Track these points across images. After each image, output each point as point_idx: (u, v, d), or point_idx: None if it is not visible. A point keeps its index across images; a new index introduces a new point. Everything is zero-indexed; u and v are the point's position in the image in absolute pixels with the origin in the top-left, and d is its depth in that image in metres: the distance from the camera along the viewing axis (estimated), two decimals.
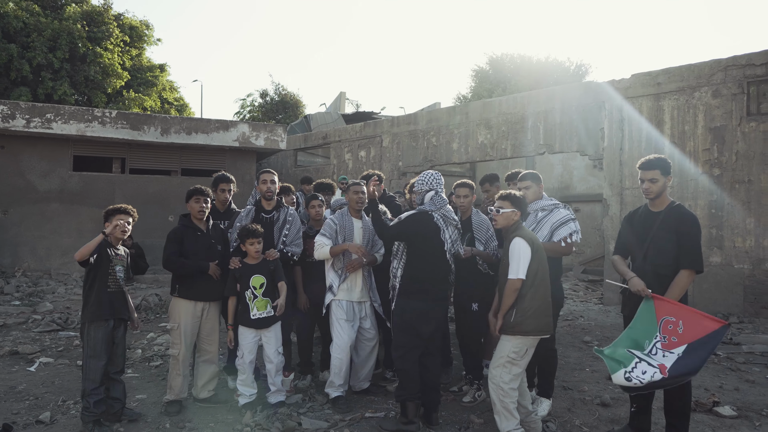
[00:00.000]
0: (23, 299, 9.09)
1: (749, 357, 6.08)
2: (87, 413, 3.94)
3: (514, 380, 3.65)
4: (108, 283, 4.05)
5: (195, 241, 4.44)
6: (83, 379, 4.00)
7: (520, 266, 3.61)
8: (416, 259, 4.08)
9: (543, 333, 3.69)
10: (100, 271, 4.04)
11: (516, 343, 3.65)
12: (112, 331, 4.06)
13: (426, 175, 4.24)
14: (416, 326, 4.01)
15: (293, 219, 4.83)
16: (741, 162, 8.28)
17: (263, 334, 4.41)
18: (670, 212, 3.69)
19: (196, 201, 4.48)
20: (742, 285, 8.17)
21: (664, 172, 3.73)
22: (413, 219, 4.12)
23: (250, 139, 12.78)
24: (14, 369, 5.57)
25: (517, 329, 3.62)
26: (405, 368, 4.01)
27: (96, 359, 3.97)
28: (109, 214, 4.17)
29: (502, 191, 3.91)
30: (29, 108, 10.95)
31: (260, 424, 4.06)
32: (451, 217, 4.19)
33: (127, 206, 4.25)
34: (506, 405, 3.64)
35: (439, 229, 4.09)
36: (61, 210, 11.51)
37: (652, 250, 3.67)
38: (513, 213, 3.78)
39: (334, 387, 4.49)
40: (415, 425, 3.95)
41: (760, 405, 4.56)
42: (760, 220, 8.06)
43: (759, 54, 8.13)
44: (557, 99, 10.44)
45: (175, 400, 4.41)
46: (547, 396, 4.34)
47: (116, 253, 4.16)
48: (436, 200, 4.15)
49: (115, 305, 4.07)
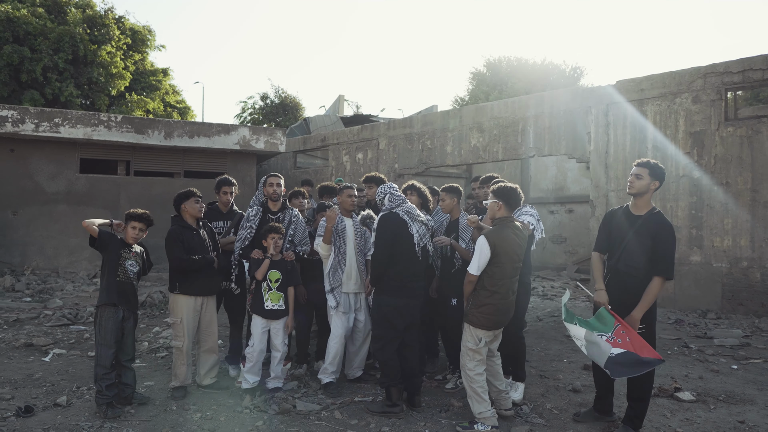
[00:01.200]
0: (34, 296, 9.51)
1: (719, 350, 6.46)
2: (100, 396, 4.33)
3: (478, 366, 4.01)
4: (117, 273, 4.44)
5: (191, 240, 4.79)
6: (95, 365, 4.39)
7: (476, 262, 3.94)
8: (391, 256, 4.41)
9: (493, 328, 4.02)
10: (110, 262, 4.44)
11: (471, 332, 4.03)
12: (121, 322, 4.45)
13: (379, 188, 4.67)
14: (392, 320, 4.39)
15: (298, 219, 5.24)
16: (719, 165, 8.66)
17: (272, 325, 4.82)
18: (650, 218, 3.85)
19: (196, 201, 4.85)
20: (720, 283, 8.55)
21: (652, 173, 3.85)
22: (383, 223, 4.45)
23: (250, 143, 13.19)
24: (30, 359, 5.97)
25: (470, 319, 4.02)
26: (385, 358, 4.40)
27: (106, 347, 4.35)
28: (127, 219, 4.57)
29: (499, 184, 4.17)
30: (38, 113, 11.37)
31: (258, 407, 4.46)
32: (416, 213, 4.53)
33: (145, 212, 4.61)
34: (475, 390, 4.00)
35: (406, 224, 4.44)
36: (68, 211, 11.93)
37: (626, 251, 3.88)
38: (495, 204, 4.04)
39: (327, 373, 4.89)
40: (399, 407, 4.34)
41: (718, 391, 4.94)
42: (737, 221, 8.45)
43: (735, 62, 8.52)
44: (547, 104, 10.84)
45: (180, 386, 4.80)
46: (521, 380, 4.71)
47: (130, 250, 4.55)
48: (393, 198, 4.50)
49: (123, 294, 4.44)
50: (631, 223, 3.91)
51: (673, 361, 6.00)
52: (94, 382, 4.40)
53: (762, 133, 8.28)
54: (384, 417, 4.27)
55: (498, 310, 3.98)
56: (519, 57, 26.10)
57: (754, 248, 8.27)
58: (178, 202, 4.86)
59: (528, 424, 4.15)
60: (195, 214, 4.86)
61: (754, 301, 8.24)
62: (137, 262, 4.59)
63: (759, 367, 5.75)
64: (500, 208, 4.03)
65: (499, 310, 3.99)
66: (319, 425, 4.15)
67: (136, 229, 4.55)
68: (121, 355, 4.46)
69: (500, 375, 4.24)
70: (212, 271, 4.90)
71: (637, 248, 3.82)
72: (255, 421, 4.20)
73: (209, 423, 4.19)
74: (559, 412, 4.46)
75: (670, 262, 3.75)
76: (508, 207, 4.04)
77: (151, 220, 4.65)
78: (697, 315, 8.40)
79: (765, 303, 8.13)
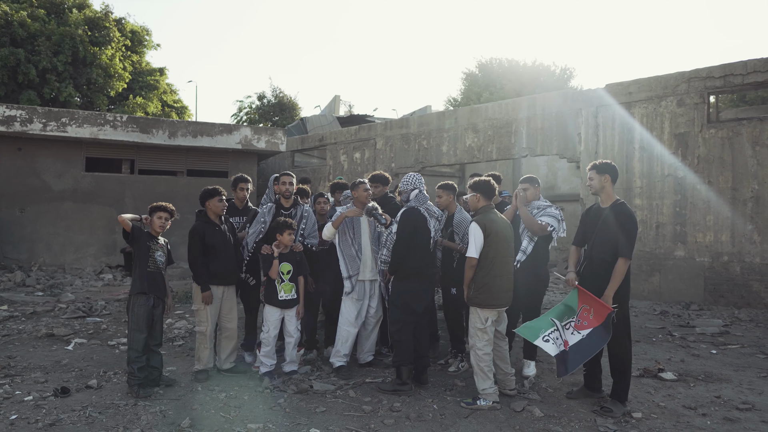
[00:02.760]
0: (45, 290, 9.81)
1: (700, 337, 6.93)
2: (132, 378, 4.69)
3: (486, 345, 4.45)
4: (148, 264, 4.81)
5: (213, 235, 5.18)
6: (128, 349, 4.76)
7: (473, 246, 4.42)
8: (410, 248, 4.87)
9: (494, 307, 4.43)
10: (140, 254, 4.81)
11: (477, 314, 4.46)
12: (152, 309, 4.82)
13: (409, 177, 5.04)
14: (411, 304, 4.84)
15: (309, 215, 5.65)
16: (702, 165, 9.15)
17: (286, 313, 5.21)
18: (613, 208, 4.43)
19: (219, 201, 5.22)
20: (703, 276, 9.05)
21: (599, 171, 4.46)
22: (407, 217, 4.89)
23: (252, 142, 13.54)
24: (53, 348, 6.30)
25: (474, 301, 4.46)
26: (401, 339, 4.82)
27: (138, 332, 4.72)
28: (152, 211, 4.93)
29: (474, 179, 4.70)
30: (46, 113, 11.65)
31: (278, 387, 4.85)
32: (433, 210, 5.04)
33: (168, 204, 4.98)
34: (482, 368, 4.44)
35: (426, 219, 4.92)
36: (74, 208, 12.22)
37: (597, 240, 4.45)
38: (474, 197, 4.60)
39: (339, 356, 5.28)
40: (409, 386, 4.75)
41: (698, 372, 5.41)
42: (718, 218, 8.94)
43: (717, 67, 9.01)
44: (539, 106, 11.29)
45: (203, 369, 5.17)
46: (532, 358, 5.18)
47: (156, 242, 4.92)
48: (420, 197, 4.96)
49: (153, 283, 4.82)
50: (599, 216, 4.51)
51: (658, 346, 6.46)
52: (127, 364, 4.76)
53: (742, 135, 8.78)
54: (395, 395, 4.68)
55: (498, 288, 4.43)
56: (510, 58, 26.65)
57: (734, 243, 8.77)
58: (203, 199, 5.23)
59: (526, 400, 4.57)
60: (217, 212, 5.23)
61: (733, 293, 8.73)
62: (164, 252, 4.97)
63: (736, 352, 6.23)
64: (479, 199, 4.62)
65: (499, 288, 4.43)
66: (335, 402, 4.55)
67: (162, 218, 4.90)
68: (150, 339, 4.83)
69: (507, 358, 4.68)
70: (232, 263, 5.28)
71: (605, 236, 4.38)
72: (276, 399, 4.58)
73: (234, 401, 4.58)
74: (554, 391, 4.90)
75: (630, 245, 4.29)
76: (485, 197, 4.62)
77: (173, 210, 5.00)
78: (681, 307, 8.88)
79: (744, 295, 8.63)
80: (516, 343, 5.63)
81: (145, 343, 4.76)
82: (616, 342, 4.30)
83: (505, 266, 4.50)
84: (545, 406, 4.50)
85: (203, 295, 5.09)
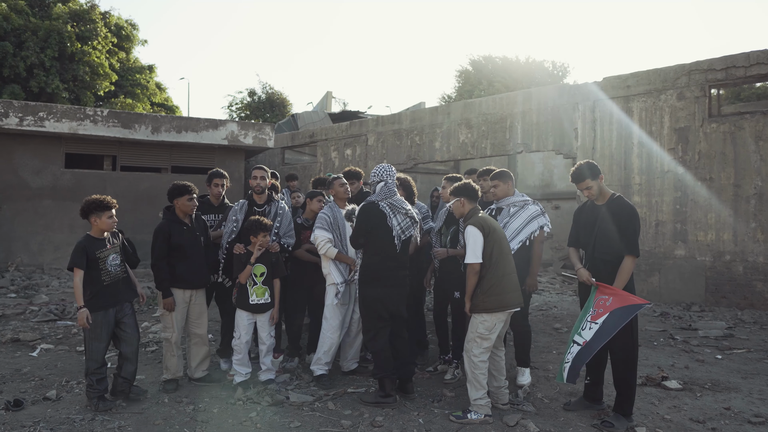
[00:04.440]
0: (19, 292, 9.38)
1: (703, 341, 6.58)
2: (91, 390, 4.28)
3: (483, 353, 4.06)
4: (102, 278, 4.27)
5: (181, 235, 4.74)
6: (87, 360, 4.31)
7: (475, 250, 4.03)
8: (369, 248, 4.49)
9: (506, 308, 4.07)
10: (92, 272, 4.23)
11: (483, 319, 4.06)
12: (115, 315, 4.39)
13: (379, 168, 4.62)
14: (376, 310, 4.44)
15: (284, 212, 5.23)
16: (703, 161, 8.81)
17: (258, 318, 4.82)
18: (611, 204, 4.11)
19: (189, 200, 4.77)
20: (704, 276, 8.71)
21: (592, 176, 4.12)
22: (363, 212, 4.50)
23: (238, 138, 13.13)
24: (17, 354, 5.90)
25: (481, 307, 4.05)
26: (377, 348, 4.44)
27: (97, 341, 4.28)
28: (99, 209, 4.28)
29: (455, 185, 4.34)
30: (22, 106, 11.20)
31: (251, 398, 4.46)
32: (400, 206, 4.53)
33: (105, 197, 4.34)
34: (476, 376, 4.05)
35: (385, 216, 4.44)
36: (53, 206, 11.77)
37: (598, 240, 4.10)
38: (458, 202, 4.24)
39: (321, 365, 4.90)
40: (392, 398, 4.37)
41: (704, 380, 5.05)
42: (720, 216, 8.60)
43: (719, 59, 8.67)
44: (534, 100, 10.93)
45: (171, 379, 4.78)
46: (526, 365, 4.85)
47: (105, 245, 4.32)
48: (384, 190, 4.52)
49: (114, 294, 4.34)
50: (596, 213, 4.16)
51: (660, 351, 6.11)
52: (85, 376, 4.35)
53: (744, 130, 8.44)
54: (377, 407, 4.30)
55: (507, 287, 4.06)
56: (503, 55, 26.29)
57: (737, 242, 8.43)
58: (171, 195, 4.80)
59: (520, 412, 4.20)
60: (186, 211, 4.80)
61: (736, 294, 8.40)
62: (115, 251, 4.40)
63: (742, 357, 5.88)
64: (463, 204, 4.27)
65: (508, 287, 4.06)
66: (312, 416, 4.17)
67: (113, 217, 4.35)
68: (125, 346, 4.41)
69: (503, 369, 4.29)
70: (201, 265, 4.88)
71: (606, 234, 4.06)
72: (248, 413, 4.20)
73: (202, 415, 4.19)
74: (550, 401, 4.53)
75: (634, 241, 3.96)
76: (470, 200, 4.27)
77: (112, 201, 4.37)
78: (682, 308, 8.55)
79: (747, 296, 8.30)
80: (509, 347, 5.27)
81: (105, 352, 4.36)
82: (620, 348, 3.95)
83: (509, 264, 4.15)
84: (541, 419, 4.13)
85: (165, 302, 4.68)
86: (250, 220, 4.84)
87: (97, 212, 4.30)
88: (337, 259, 4.91)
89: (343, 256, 4.93)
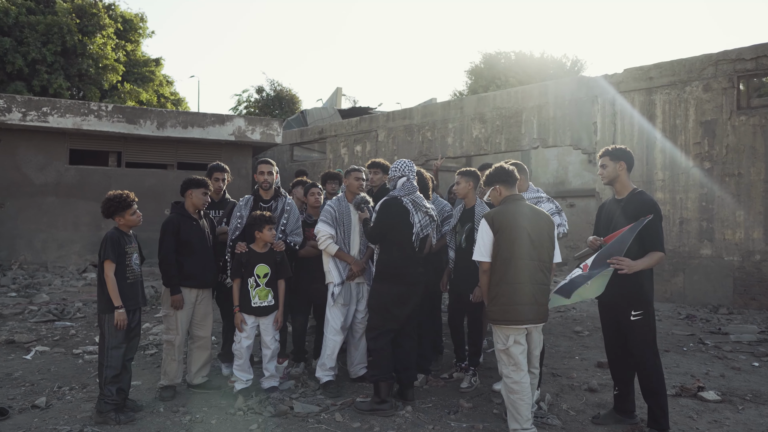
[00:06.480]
0: (20, 291, 9.15)
1: (736, 346, 6.16)
2: (108, 402, 3.91)
3: (514, 372, 3.45)
4: (126, 275, 4.04)
5: (190, 231, 4.49)
6: (105, 367, 3.94)
7: (480, 247, 3.60)
8: (389, 244, 4.24)
9: (513, 323, 3.46)
10: (118, 266, 3.99)
11: (496, 331, 3.60)
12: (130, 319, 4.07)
13: (399, 163, 4.39)
14: (392, 309, 4.17)
15: (291, 208, 4.89)
16: (731, 155, 8.37)
17: (261, 321, 4.49)
18: (631, 199, 3.79)
19: (204, 193, 4.54)
20: (732, 277, 8.27)
21: (613, 157, 3.84)
22: (386, 207, 4.24)
23: (246, 133, 12.83)
24: (11, 357, 5.62)
25: (489, 316, 3.63)
26: (377, 348, 4.17)
27: (117, 348, 3.96)
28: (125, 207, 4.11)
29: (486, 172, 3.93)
30: (26, 101, 10.98)
31: (253, 408, 4.13)
32: (422, 203, 4.31)
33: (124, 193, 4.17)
34: (513, 401, 3.45)
35: (408, 212, 4.23)
36: (57, 203, 11.55)
37: None
38: (494, 191, 3.74)
39: (326, 370, 4.56)
40: (388, 404, 4.06)
41: (744, 390, 4.65)
42: (749, 213, 8.16)
43: (749, 48, 8.22)
44: (551, 93, 10.52)
45: (169, 386, 4.46)
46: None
47: (131, 240, 4.16)
48: (407, 186, 4.30)
49: (134, 295, 4.09)
50: (616, 208, 3.90)
51: (691, 358, 5.71)
52: (102, 386, 3.96)
53: None
54: (373, 415, 3.98)
55: (516, 298, 3.45)
56: (517, 51, 25.80)
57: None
58: (185, 187, 4.53)
59: (545, 426, 3.83)
60: (198, 205, 4.55)
61: (767, 296, 7.95)
62: (137, 252, 4.23)
63: None
64: (500, 191, 3.73)
65: (518, 299, 3.45)
66: (318, 428, 3.83)
67: (136, 213, 4.16)
68: (127, 352, 4.10)
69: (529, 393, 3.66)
70: (210, 262, 4.58)
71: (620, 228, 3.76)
72: (249, 425, 3.87)
73: (199, 426, 3.87)
74: (576, 413, 4.16)
75: (658, 236, 3.67)
76: (507, 186, 3.72)
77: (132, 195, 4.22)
78: (708, 310, 8.12)
79: None
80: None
81: (123, 358, 4.03)
82: (639, 358, 3.62)
83: (525, 271, 3.47)
84: None
85: (173, 299, 4.39)
86: (253, 214, 4.53)
87: (120, 212, 4.11)
88: (337, 256, 4.60)
89: (344, 254, 4.61)
